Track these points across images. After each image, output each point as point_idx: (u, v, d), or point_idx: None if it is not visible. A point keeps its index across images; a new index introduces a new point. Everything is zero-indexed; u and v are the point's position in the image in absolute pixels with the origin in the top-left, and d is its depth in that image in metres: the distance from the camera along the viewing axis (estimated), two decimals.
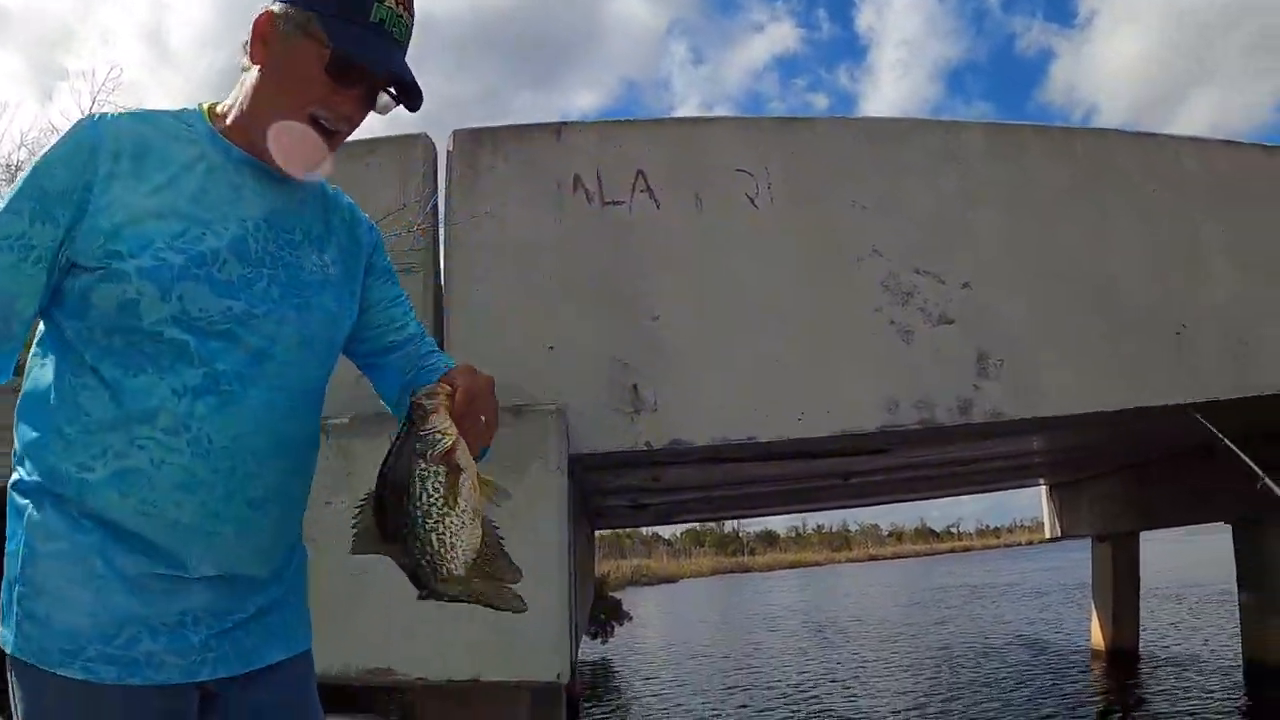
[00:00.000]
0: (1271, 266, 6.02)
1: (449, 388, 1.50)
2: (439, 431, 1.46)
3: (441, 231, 4.94)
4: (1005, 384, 4.65)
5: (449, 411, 1.48)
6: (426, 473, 1.45)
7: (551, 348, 4.56)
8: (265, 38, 1.57)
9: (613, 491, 7.48)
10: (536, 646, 4.18)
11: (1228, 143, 6.23)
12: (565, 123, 4.95)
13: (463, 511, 1.47)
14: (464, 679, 4.21)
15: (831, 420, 4.47)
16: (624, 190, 4.75)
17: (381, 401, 1.97)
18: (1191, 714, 10.59)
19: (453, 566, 1.47)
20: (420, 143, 5.09)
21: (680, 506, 12.61)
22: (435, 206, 4.94)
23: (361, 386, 4.39)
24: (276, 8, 1.57)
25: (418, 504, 1.46)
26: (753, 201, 4.71)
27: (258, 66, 1.59)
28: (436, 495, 1.46)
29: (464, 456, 1.48)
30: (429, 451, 1.46)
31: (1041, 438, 7.85)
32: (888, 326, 4.58)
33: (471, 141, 5.02)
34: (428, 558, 1.46)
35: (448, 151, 5.03)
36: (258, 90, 1.60)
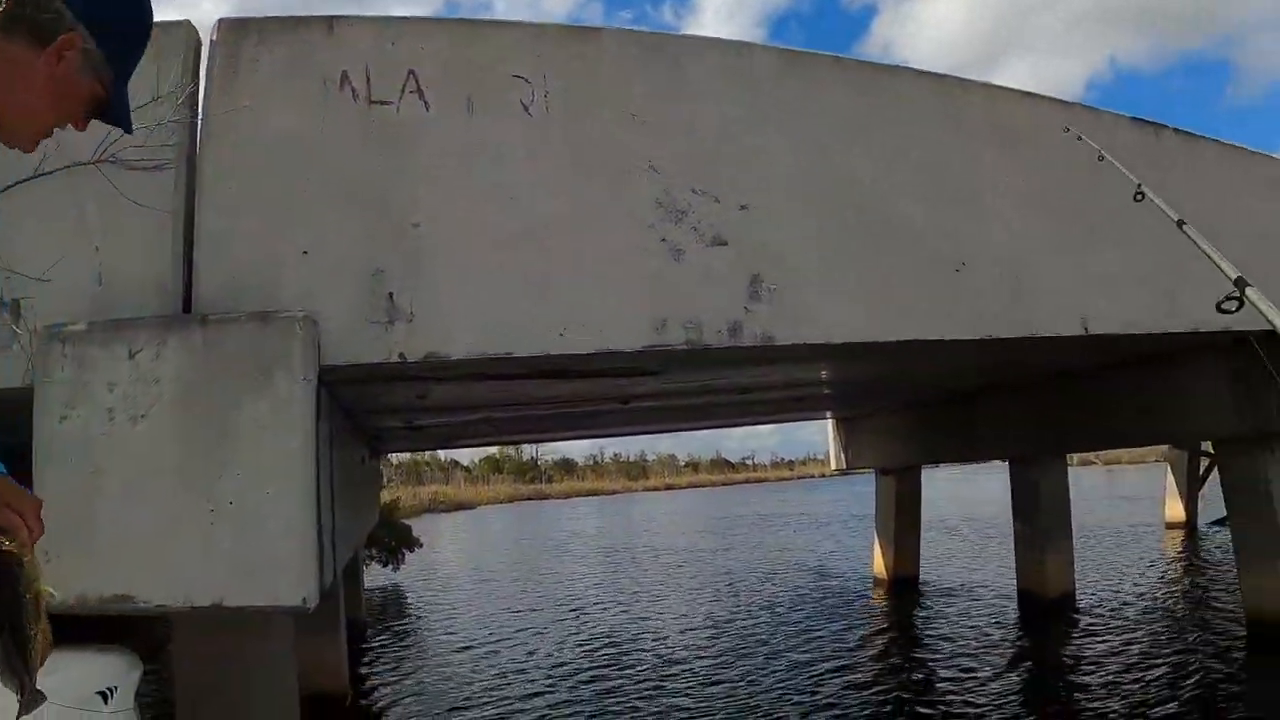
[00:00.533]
0: (1051, 213, 6.17)
1: (26, 531, 1.57)
2: (34, 574, 1.58)
3: (199, 126, 4.59)
4: (777, 309, 4.57)
5: (30, 548, 1.60)
6: (29, 604, 1.58)
7: (306, 252, 4.29)
8: (62, 55, 1.50)
9: (384, 410, 7.22)
10: (280, 569, 3.97)
11: (1023, 92, 6.32)
12: (338, 16, 4.63)
13: (39, 620, 1.61)
14: (206, 604, 3.98)
15: (595, 337, 4.29)
16: (393, 90, 4.48)
17: (115, 307, 1.94)
18: (966, 638, 11.17)
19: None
20: (181, 30, 4.72)
21: (460, 429, 12.43)
22: (193, 98, 4.57)
23: (98, 291, 4.07)
24: (85, 39, 1.51)
25: (27, 633, 1.60)
26: (527, 109, 4.50)
27: (31, 60, 1.49)
28: (32, 619, 1.60)
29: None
30: (29, 590, 1.58)
31: (821, 368, 7.91)
32: (659, 244, 4.41)
33: (236, 31, 4.67)
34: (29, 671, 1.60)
35: (211, 41, 4.67)
36: (20, 79, 1.50)
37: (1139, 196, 3.79)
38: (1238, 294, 1.91)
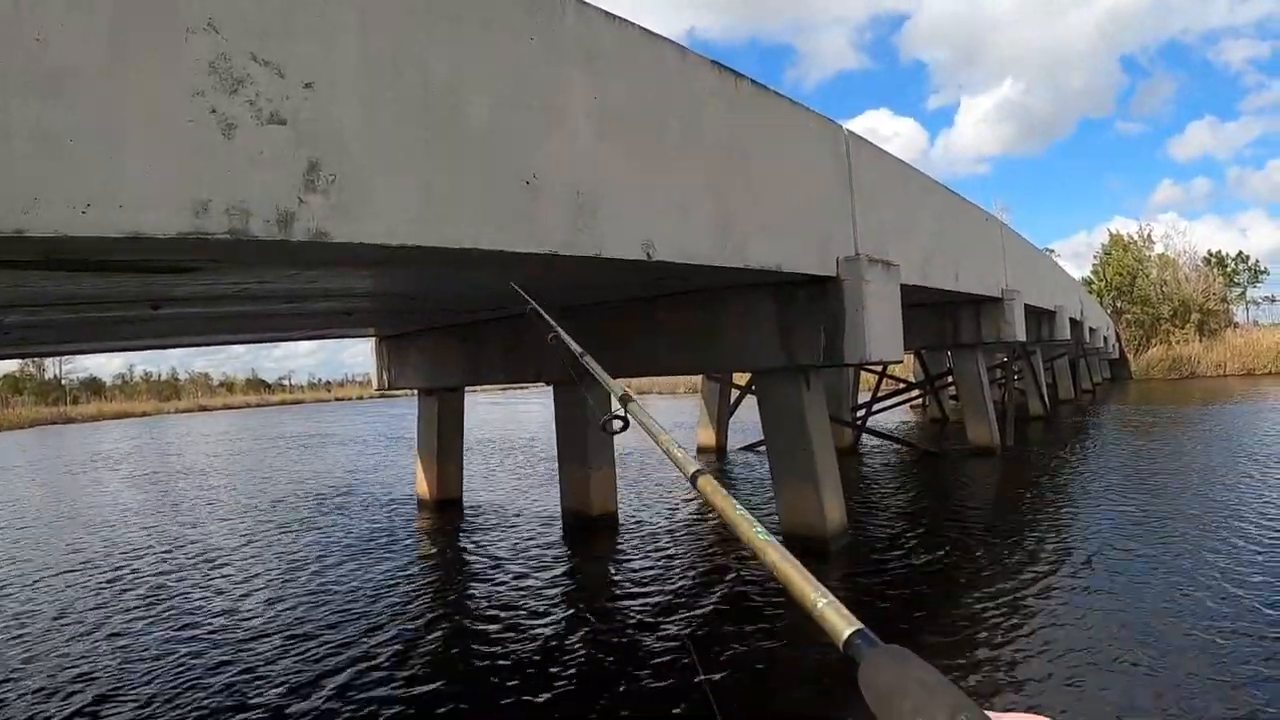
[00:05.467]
0: (624, 138, 6.35)
1: None
2: None
3: None
4: (335, 202, 4.32)
5: None
6: None
7: None
8: None
9: None
10: None
11: (613, 15, 6.41)
12: None
13: None
14: None
15: (126, 217, 3.71)
16: None
17: None
18: (515, 556, 11.72)
19: None
20: None
21: None
22: None
23: None
24: None
25: None
26: None
27: None
28: None
29: None
30: None
31: (372, 275, 7.69)
32: (209, 115, 3.96)
33: None
34: None
35: None
36: None
37: (551, 339, 3.94)
38: (622, 413, 2.10)
